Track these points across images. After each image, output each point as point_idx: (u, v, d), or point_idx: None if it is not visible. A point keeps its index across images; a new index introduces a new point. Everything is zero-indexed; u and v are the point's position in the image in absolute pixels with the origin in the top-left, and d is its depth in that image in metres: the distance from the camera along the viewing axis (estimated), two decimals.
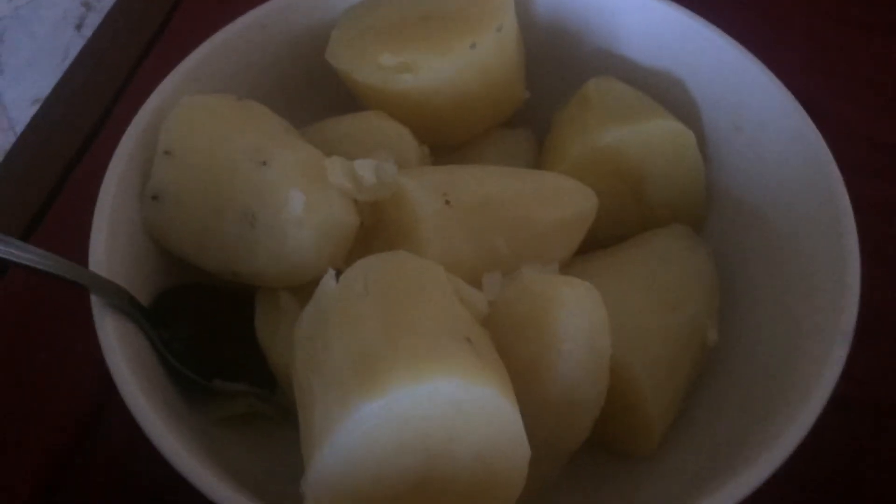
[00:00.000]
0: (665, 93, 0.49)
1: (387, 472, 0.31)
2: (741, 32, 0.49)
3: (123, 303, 0.38)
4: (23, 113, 1.55)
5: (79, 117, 0.58)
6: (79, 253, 0.38)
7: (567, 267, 0.44)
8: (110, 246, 0.39)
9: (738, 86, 0.46)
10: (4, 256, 0.34)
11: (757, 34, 0.65)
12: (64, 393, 0.46)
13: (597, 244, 0.47)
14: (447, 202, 0.40)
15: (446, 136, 0.48)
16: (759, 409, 0.38)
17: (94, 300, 0.37)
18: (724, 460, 0.37)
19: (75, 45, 1.64)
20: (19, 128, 1.54)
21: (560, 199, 0.43)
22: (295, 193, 0.39)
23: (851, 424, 0.46)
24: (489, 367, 0.33)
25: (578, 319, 0.36)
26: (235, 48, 0.47)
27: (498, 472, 0.33)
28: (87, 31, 1.67)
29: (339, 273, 0.36)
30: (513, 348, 0.36)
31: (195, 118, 0.41)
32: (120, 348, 0.36)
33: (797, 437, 0.34)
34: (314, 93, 0.50)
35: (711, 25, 0.47)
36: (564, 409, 0.38)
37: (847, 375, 0.47)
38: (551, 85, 0.51)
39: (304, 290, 0.41)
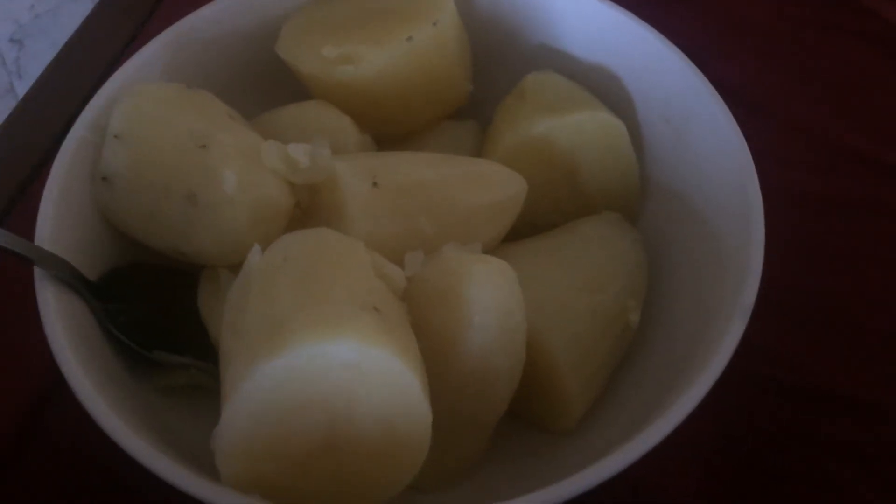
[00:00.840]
0: (602, 87, 0.50)
1: (291, 431, 0.33)
2: (697, 30, 0.51)
3: (65, 274, 0.40)
4: None
5: (55, 112, 0.61)
6: None
7: (497, 250, 0.46)
8: (57, 223, 0.41)
9: (667, 80, 0.47)
10: None
11: (714, 32, 0.67)
12: (17, 371, 0.48)
13: (534, 231, 0.49)
14: (375, 184, 0.42)
15: (391, 127, 0.51)
16: (669, 383, 0.40)
17: (37, 271, 0.39)
18: (634, 433, 0.39)
19: None
20: None
21: (488, 184, 0.45)
22: (228, 174, 0.41)
23: (780, 407, 0.48)
24: (392, 333, 0.34)
25: (490, 294, 0.38)
26: (190, 40, 0.49)
27: (400, 436, 0.34)
28: None
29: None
30: (429, 322, 0.38)
31: (143, 104, 0.43)
32: (58, 316, 0.38)
33: (689, 405, 0.35)
34: (267, 84, 0.52)
35: (642, 22, 0.48)
36: (480, 381, 0.39)
37: (777, 360, 0.49)
38: (496, 79, 0.53)
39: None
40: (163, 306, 0.46)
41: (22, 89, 1.66)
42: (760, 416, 0.47)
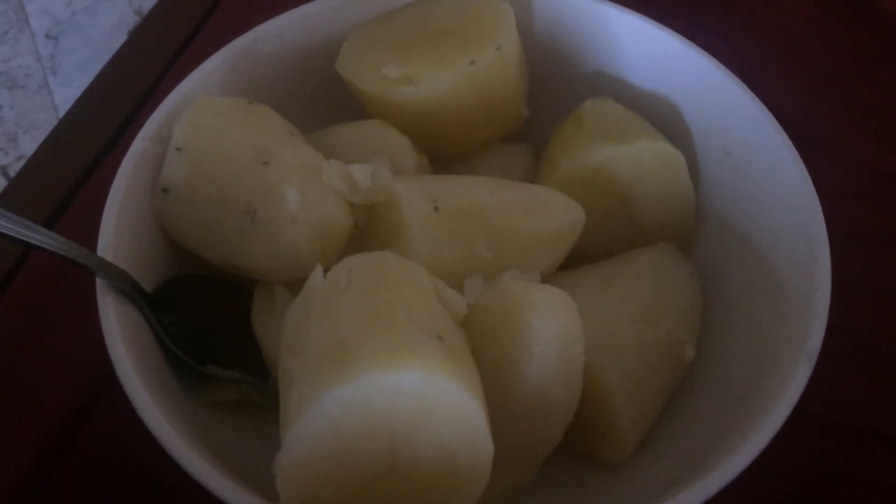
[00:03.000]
0: (659, 115, 0.50)
1: (353, 457, 0.33)
2: (746, 61, 0.51)
3: (126, 286, 0.40)
4: None
5: (106, 119, 0.61)
6: (95, 242, 0.41)
7: (552, 278, 0.46)
8: (119, 234, 0.42)
9: (727, 111, 0.47)
10: (21, 238, 0.37)
11: (766, 64, 0.67)
12: (70, 371, 0.49)
13: (586, 259, 0.49)
14: (436, 208, 0.42)
15: (446, 148, 0.51)
16: (727, 423, 0.40)
17: (99, 283, 0.40)
18: (687, 471, 0.39)
19: None
20: None
21: (547, 212, 0.45)
22: (291, 192, 0.41)
23: (828, 446, 0.47)
24: (457, 363, 0.34)
25: (551, 323, 0.38)
26: (251, 55, 0.50)
27: (461, 466, 0.34)
28: None
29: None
30: (488, 350, 0.38)
31: (206, 118, 0.44)
32: (118, 328, 0.38)
33: (755, 450, 0.35)
34: (324, 101, 0.52)
35: (702, 51, 0.48)
36: (537, 412, 0.39)
37: (825, 399, 0.48)
38: (551, 103, 0.53)
39: (298, 285, 0.43)
40: (214, 318, 0.46)
41: (56, 85, 1.68)
42: (810, 455, 0.47)
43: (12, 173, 1.55)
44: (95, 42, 1.76)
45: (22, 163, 1.56)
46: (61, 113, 1.63)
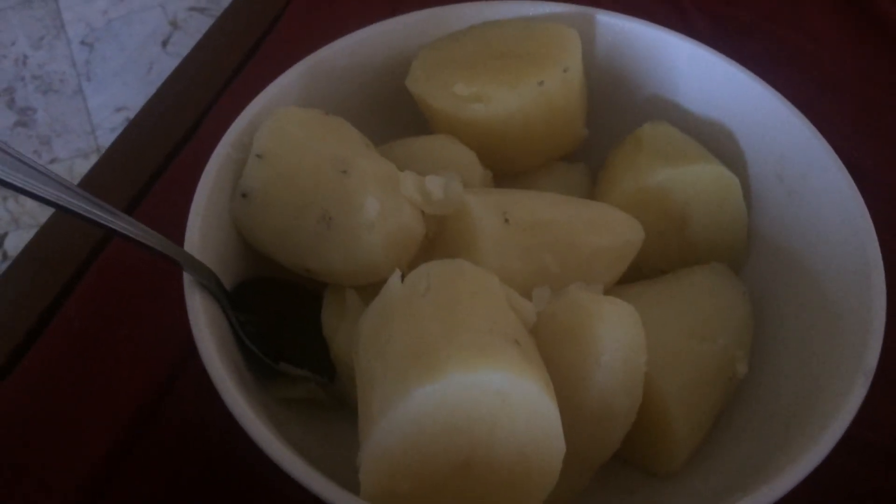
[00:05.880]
0: (714, 140, 0.52)
1: (434, 453, 0.35)
2: (795, 92, 0.53)
3: (210, 283, 0.42)
4: (105, 119, 1.64)
5: (172, 124, 0.64)
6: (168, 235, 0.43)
7: (610, 292, 0.47)
8: (203, 233, 0.44)
9: (782, 138, 0.49)
10: (117, 229, 0.39)
11: (809, 95, 0.69)
12: (143, 359, 0.51)
13: (640, 275, 0.50)
14: (506, 220, 0.44)
15: (509, 164, 0.53)
16: (778, 440, 0.41)
17: (186, 277, 0.42)
18: (739, 486, 0.40)
19: (160, 60, 1.74)
20: (100, 132, 1.63)
21: (609, 228, 0.46)
22: (371, 201, 0.43)
23: (867, 466, 0.48)
24: (534, 366, 0.36)
25: (617, 334, 0.40)
26: (326, 69, 0.52)
27: (533, 465, 0.36)
28: (173, 49, 1.77)
29: (403, 275, 0.40)
30: (555, 356, 0.40)
31: (286, 127, 0.46)
32: (204, 321, 0.40)
33: (807, 468, 0.36)
34: (393, 115, 0.54)
35: (759, 79, 0.50)
36: (599, 419, 0.41)
37: (867, 421, 0.50)
38: (609, 125, 0.55)
39: (368, 289, 0.45)
40: (285, 319, 0.48)
41: (90, 91, 1.71)
42: (858, 482, 0.48)
43: None
44: (129, 50, 1.80)
45: (55, 166, 1.60)
46: (94, 118, 1.66)
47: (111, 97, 1.70)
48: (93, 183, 0.60)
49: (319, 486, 0.35)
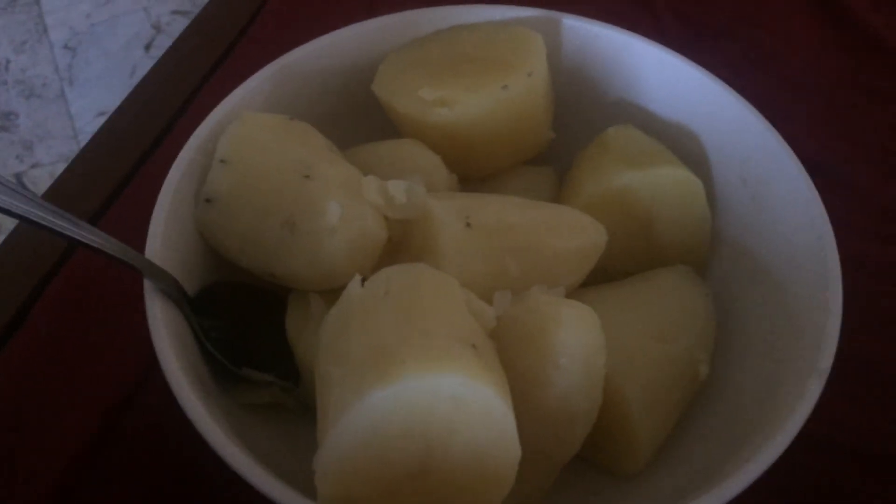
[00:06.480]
0: (679, 143, 0.53)
1: (390, 456, 0.35)
2: (759, 94, 0.53)
3: (171, 289, 0.42)
4: (88, 123, 1.64)
5: (146, 126, 0.64)
6: (134, 243, 0.43)
7: (574, 295, 0.47)
8: (165, 239, 0.44)
9: (746, 142, 0.49)
10: (76, 238, 0.39)
11: (780, 97, 0.69)
12: (110, 365, 0.51)
13: (606, 278, 0.51)
14: (468, 224, 0.44)
15: (475, 168, 0.53)
16: (737, 439, 0.42)
17: (147, 284, 0.42)
18: (697, 483, 0.40)
19: (143, 64, 1.74)
20: (83, 136, 1.63)
21: (572, 231, 0.47)
22: (333, 205, 0.43)
23: (834, 468, 0.49)
24: (490, 371, 0.36)
25: (576, 337, 0.40)
26: (294, 73, 0.52)
27: (489, 469, 0.36)
28: (156, 52, 1.77)
29: (364, 280, 0.41)
30: (515, 360, 0.40)
31: (250, 132, 0.46)
32: (164, 328, 0.40)
33: (762, 466, 0.37)
34: (363, 118, 0.54)
35: (723, 83, 0.51)
36: (559, 421, 0.41)
37: (834, 421, 0.50)
38: (575, 128, 0.55)
39: (332, 294, 0.45)
40: (249, 324, 0.48)
41: (73, 96, 1.71)
42: (817, 476, 0.48)
43: (27, 181, 1.57)
44: (112, 54, 1.79)
45: (37, 171, 1.59)
46: (77, 123, 1.66)
47: (94, 101, 1.69)
48: (63, 188, 0.60)
49: (276, 490, 0.35)
